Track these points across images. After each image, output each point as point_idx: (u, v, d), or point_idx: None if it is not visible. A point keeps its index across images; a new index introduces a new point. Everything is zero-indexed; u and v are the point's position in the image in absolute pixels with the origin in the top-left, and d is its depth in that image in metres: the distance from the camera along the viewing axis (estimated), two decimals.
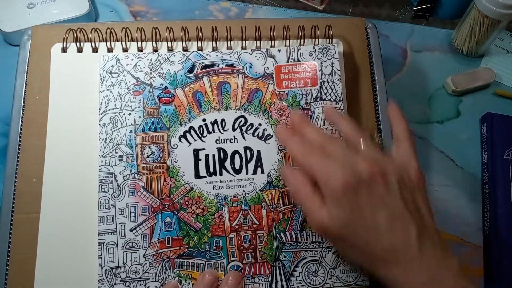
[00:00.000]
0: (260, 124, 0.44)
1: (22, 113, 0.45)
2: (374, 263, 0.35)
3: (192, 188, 0.42)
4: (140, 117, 0.43)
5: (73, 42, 0.46)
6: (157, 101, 0.44)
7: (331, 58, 0.46)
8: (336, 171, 0.34)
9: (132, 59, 0.45)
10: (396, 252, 0.33)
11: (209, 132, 0.43)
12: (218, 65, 0.45)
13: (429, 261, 0.33)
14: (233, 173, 0.42)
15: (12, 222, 0.41)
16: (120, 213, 0.40)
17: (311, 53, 0.46)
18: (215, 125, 0.44)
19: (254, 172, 0.43)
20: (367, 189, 0.34)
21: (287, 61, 0.46)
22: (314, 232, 0.41)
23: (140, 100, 0.43)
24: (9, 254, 0.41)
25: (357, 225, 0.34)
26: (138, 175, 0.41)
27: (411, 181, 0.36)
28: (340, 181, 0.34)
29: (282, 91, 0.45)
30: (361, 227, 0.34)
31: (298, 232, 0.41)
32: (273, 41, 0.48)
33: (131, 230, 0.40)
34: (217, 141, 0.43)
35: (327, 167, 0.35)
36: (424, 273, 0.32)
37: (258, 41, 0.47)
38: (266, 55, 0.46)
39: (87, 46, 0.47)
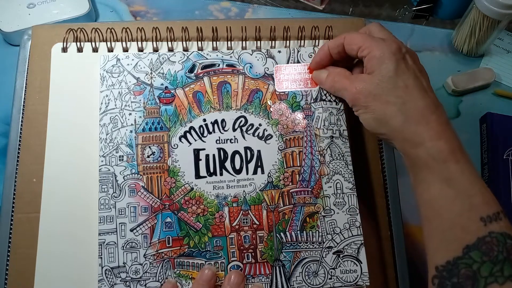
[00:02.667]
0: (260, 124, 0.44)
1: (22, 113, 0.45)
2: (408, 119, 0.38)
3: (192, 188, 0.42)
4: (140, 117, 0.43)
5: (73, 42, 0.46)
6: (158, 101, 0.44)
7: None
8: (382, 44, 0.40)
9: (133, 59, 0.45)
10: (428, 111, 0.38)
11: (209, 132, 0.43)
12: (219, 65, 0.45)
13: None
14: (233, 173, 0.42)
15: (12, 222, 0.42)
16: (120, 213, 0.40)
17: (310, 55, 0.47)
18: (216, 125, 0.44)
19: (255, 172, 0.43)
20: (404, 58, 0.40)
21: (287, 62, 0.46)
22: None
23: (140, 100, 0.43)
24: (9, 254, 0.41)
25: (395, 82, 0.39)
26: (139, 175, 0.41)
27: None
28: (387, 49, 0.40)
29: (282, 92, 0.45)
30: (399, 88, 0.39)
31: (298, 232, 0.41)
32: (273, 42, 0.48)
33: (131, 230, 0.40)
34: (218, 141, 0.43)
35: (374, 40, 0.41)
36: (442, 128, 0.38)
37: (258, 42, 0.47)
38: (267, 56, 0.46)
39: (87, 46, 0.47)
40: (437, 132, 0.37)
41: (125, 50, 0.47)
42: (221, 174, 0.42)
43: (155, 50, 0.47)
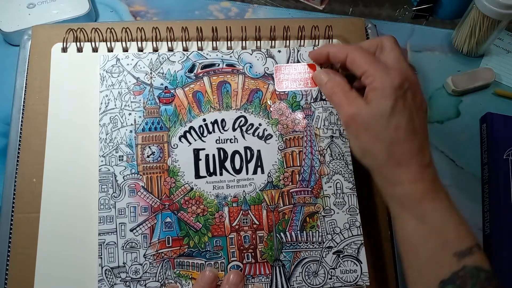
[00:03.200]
0: (260, 124, 0.44)
1: (22, 113, 0.45)
2: (390, 159, 0.38)
3: (192, 188, 0.42)
4: (140, 117, 0.43)
5: (73, 42, 0.46)
6: (157, 101, 0.44)
7: None
8: (385, 75, 0.39)
9: (132, 59, 0.45)
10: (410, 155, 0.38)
11: (209, 132, 0.43)
12: (218, 65, 0.45)
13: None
14: (233, 173, 0.42)
15: (12, 222, 0.42)
16: (120, 213, 0.40)
17: None
18: (215, 125, 0.44)
19: (254, 172, 0.43)
20: (404, 96, 0.39)
21: (287, 62, 0.46)
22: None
23: (140, 100, 0.43)
24: (9, 254, 0.41)
25: (389, 121, 0.38)
26: (138, 175, 0.41)
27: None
28: (389, 84, 0.39)
29: (282, 92, 0.45)
30: (390, 127, 0.38)
31: (298, 232, 0.41)
32: (273, 41, 0.48)
33: (131, 230, 0.40)
34: (217, 141, 0.43)
35: (379, 69, 0.40)
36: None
37: (258, 41, 0.47)
38: (266, 56, 0.46)
39: (87, 46, 0.47)
40: (415, 175, 0.38)
41: (125, 50, 0.47)
42: (221, 174, 0.42)
43: (155, 50, 0.47)
